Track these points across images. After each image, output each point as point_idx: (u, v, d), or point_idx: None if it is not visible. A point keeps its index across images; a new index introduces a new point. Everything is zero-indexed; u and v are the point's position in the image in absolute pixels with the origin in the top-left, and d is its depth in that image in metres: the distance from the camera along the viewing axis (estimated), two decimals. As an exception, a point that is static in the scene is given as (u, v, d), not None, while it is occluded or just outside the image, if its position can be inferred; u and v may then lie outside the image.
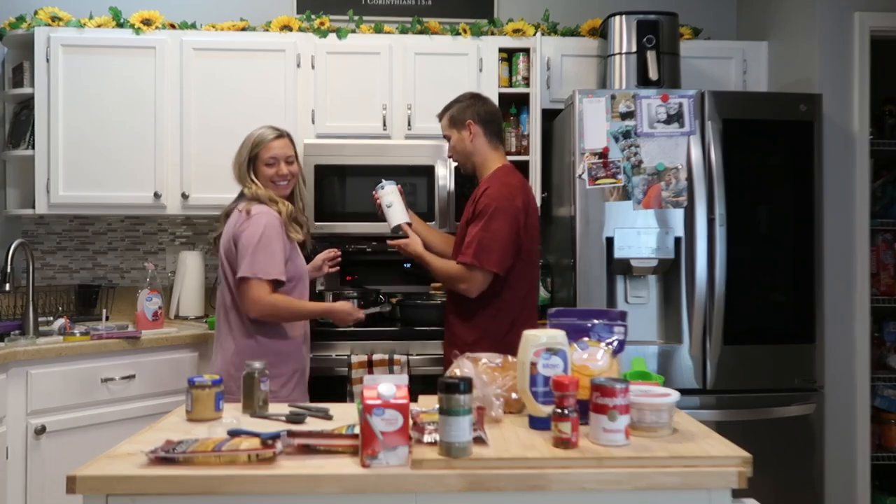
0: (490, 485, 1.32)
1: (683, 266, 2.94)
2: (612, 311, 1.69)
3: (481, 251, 2.47)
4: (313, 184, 3.32)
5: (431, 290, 3.46)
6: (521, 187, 2.63)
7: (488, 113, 2.67)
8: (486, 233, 2.48)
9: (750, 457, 1.38)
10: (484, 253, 2.47)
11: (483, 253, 2.47)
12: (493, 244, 2.47)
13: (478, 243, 2.48)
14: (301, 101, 3.43)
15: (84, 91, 3.36)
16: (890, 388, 3.37)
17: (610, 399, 1.41)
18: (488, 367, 1.68)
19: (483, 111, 2.66)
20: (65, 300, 3.55)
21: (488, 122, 2.65)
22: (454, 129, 2.67)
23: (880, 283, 3.41)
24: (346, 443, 1.42)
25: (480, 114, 2.64)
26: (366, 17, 3.66)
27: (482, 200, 2.53)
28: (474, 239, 2.49)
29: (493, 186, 2.55)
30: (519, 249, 2.54)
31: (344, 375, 3.00)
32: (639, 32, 3.21)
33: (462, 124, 2.64)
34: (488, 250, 2.47)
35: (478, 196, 2.57)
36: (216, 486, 1.31)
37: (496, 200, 2.50)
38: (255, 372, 1.79)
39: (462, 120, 2.65)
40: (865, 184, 3.19)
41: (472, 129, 2.63)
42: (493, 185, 2.56)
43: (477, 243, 2.48)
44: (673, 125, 2.92)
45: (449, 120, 2.69)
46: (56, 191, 3.34)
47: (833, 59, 3.19)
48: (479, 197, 2.56)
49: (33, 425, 2.63)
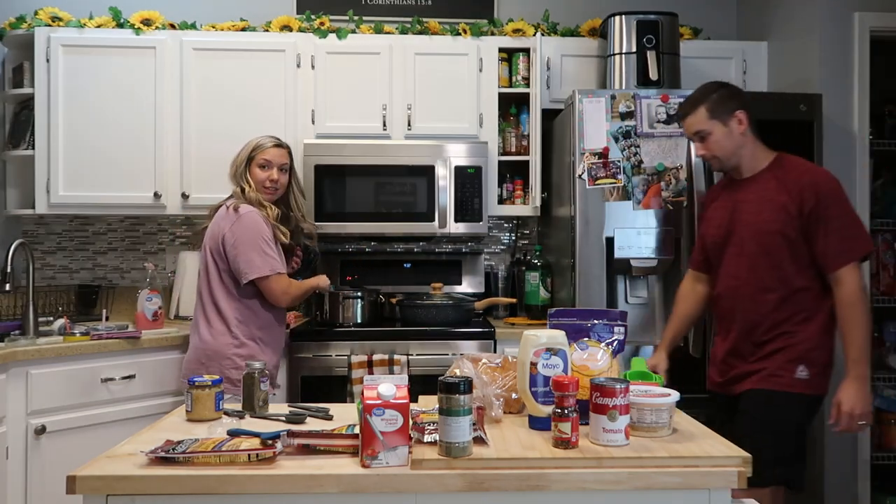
0: (490, 485, 1.32)
1: (683, 266, 2.93)
2: (612, 311, 1.69)
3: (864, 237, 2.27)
4: (313, 184, 3.33)
5: (431, 290, 3.46)
6: None
7: (749, 103, 2.38)
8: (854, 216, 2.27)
9: (750, 457, 1.38)
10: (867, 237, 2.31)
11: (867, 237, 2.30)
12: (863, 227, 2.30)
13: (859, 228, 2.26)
14: (301, 101, 3.44)
15: (84, 91, 3.36)
16: (890, 388, 3.37)
17: (610, 399, 1.41)
18: (488, 367, 1.68)
19: (747, 99, 2.38)
20: (65, 300, 3.55)
21: (750, 112, 2.36)
22: (716, 120, 2.32)
23: (880, 283, 3.41)
24: (346, 443, 1.42)
25: (747, 102, 2.36)
26: (366, 17, 3.67)
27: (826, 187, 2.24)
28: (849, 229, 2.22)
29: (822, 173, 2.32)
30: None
31: (344, 375, 3.00)
32: (639, 32, 3.21)
33: (730, 115, 2.32)
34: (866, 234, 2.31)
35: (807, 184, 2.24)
36: (216, 486, 1.31)
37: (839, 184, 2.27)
38: (255, 372, 1.79)
39: (729, 111, 2.32)
40: (865, 184, 3.19)
41: (743, 119, 2.32)
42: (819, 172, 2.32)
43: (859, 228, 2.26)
44: (673, 125, 2.92)
45: (709, 112, 2.33)
46: (56, 191, 3.34)
47: (833, 59, 3.19)
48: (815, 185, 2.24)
49: (33, 425, 2.63)
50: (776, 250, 2.26)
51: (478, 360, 1.69)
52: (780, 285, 2.26)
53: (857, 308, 2.20)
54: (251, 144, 2.71)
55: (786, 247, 2.25)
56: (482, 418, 1.50)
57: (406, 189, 3.38)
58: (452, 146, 3.37)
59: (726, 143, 2.34)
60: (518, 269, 3.66)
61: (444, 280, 3.54)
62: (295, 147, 3.39)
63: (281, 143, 2.75)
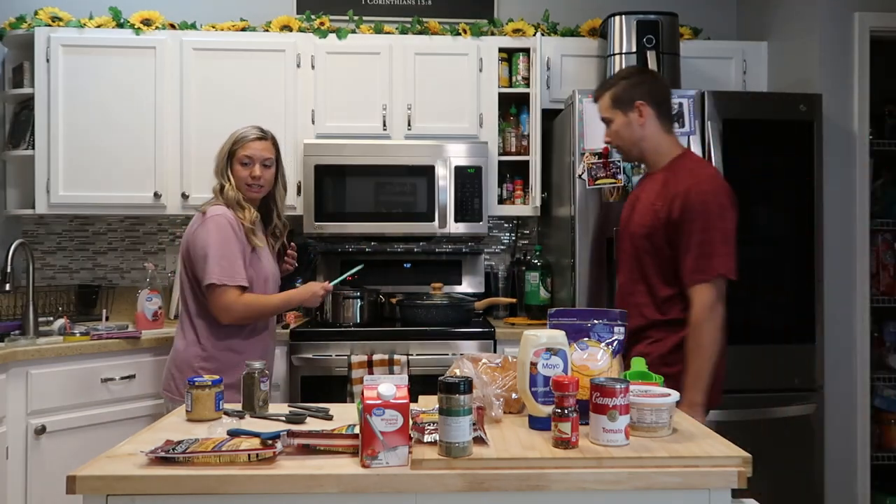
0: (490, 485, 1.32)
1: (683, 266, 2.93)
2: (612, 312, 1.69)
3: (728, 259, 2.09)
4: (313, 184, 3.33)
5: (431, 290, 3.46)
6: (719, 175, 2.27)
7: (661, 91, 2.27)
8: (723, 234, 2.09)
9: (750, 457, 1.37)
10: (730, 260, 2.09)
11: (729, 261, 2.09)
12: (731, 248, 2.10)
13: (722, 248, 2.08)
14: (301, 101, 3.44)
15: (84, 91, 3.36)
16: (890, 388, 3.37)
17: (610, 399, 1.41)
18: (488, 367, 1.68)
19: (656, 89, 2.25)
20: (65, 300, 3.55)
21: (661, 103, 2.24)
22: (619, 110, 2.23)
23: (880, 283, 3.41)
24: (346, 443, 1.42)
25: (653, 92, 2.23)
26: (366, 17, 3.67)
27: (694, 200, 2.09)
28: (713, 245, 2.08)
29: (702, 182, 2.13)
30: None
31: (344, 375, 3.00)
32: (639, 32, 3.21)
33: (630, 105, 2.22)
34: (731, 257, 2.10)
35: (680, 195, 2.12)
36: (216, 486, 1.31)
37: (711, 195, 2.10)
38: (255, 372, 1.79)
39: (630, 100, 2.22)
40: (865, 184, 3.19)
41: (643, 110, 2.21)
42: (699, 181, 2.13)
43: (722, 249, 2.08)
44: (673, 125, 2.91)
45: (612, 100, 2.25)
46: (56, 191, 3.34)
47: (833, 59, 3.19)
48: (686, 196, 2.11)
49: (33, 425, 2.63)
50: (643, 256, 2.20)
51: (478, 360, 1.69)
52: (647, 291, 2.19)
53: (700, 331, 2.07)
54: (233, 137, 2.48)
55: (651, 254, 2.17)
56: (482, 418, 1.50)
57: (406, 189, 3.38)
58: (452, 146, 3.37)
59: (625, 134, 2.25)
60: (518, 269, 3.66)
61: (444, 280, 3.54)
62: (295, 147, 3.41)
63: (265, 134, 2.50)
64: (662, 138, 2.25)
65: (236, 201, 2.42)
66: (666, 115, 2.26)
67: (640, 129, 2.23)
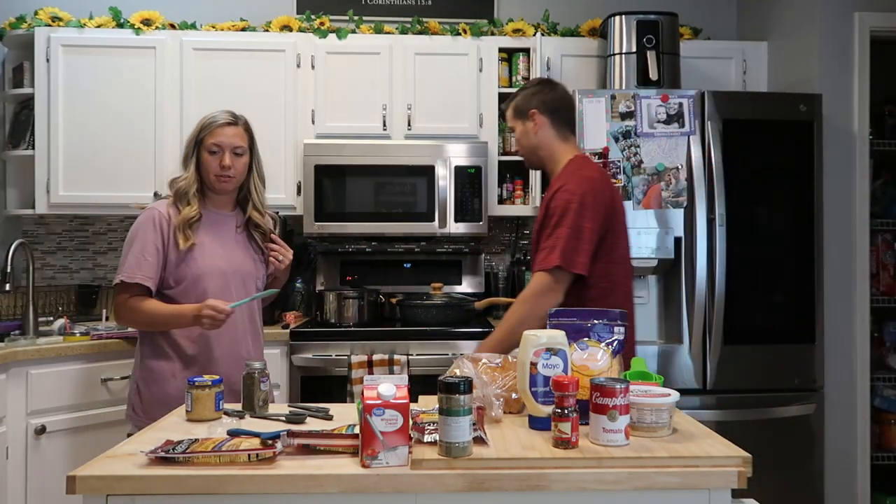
0: (490, 485, 1.32)
1: (683, 266, 2.94)
2: (612, 312, 1.69)
3: (569, 252, 2.13)
4: (313, 184, 3.33)
5: (431, 290, 3.46)
6: (603, 178, 2.31)
7: (556, 100, 2.34)
8: (574, 231, 2.15)
9: (750, 457, 1.37)
10: (573, 255, 2.13)
11: (572, 254, 2.13)
12: (580, 244, 2.14)
13: (565, 242, 2.14)
14: (301, 101, 3.44)
15: (84, 91, 3.36)
16: (890, 388, 3.37)
17: (610, 399, 1.41)
18: (488, 367, 1.68)
19: (550, 98, 2.33)
20: (65, 300, 3.55)
21: (556, 111, 2.31)
22: (518, 120, 2.34)
23: (880, 283, 3.41)
24: (346, 443, 1.42)
25: (546, 102, 2.31)
26: (366, 17, 3.67)
27: (558, 198, 2.19)
28: (558, 240, 2.14)
29: (571, 182, 2.21)
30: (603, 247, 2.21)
31: (344, 375, 3.00)
32: (639, 32, 3.21)
33: (526, 115, 2.31)
34: (577, 251, 2.13)
35: (549, 196, 2.24)
36: (216, 486, 1.31)
37: (577, 195, 2.17)
38: (255, 372, 1.78)
39: (526, 110, 2.32)
40: (865, 184, 3.19)
41: (536, 119, 2.30)
42: (569, 182, 2.22)
43: (564, 242, 2.14)
44: (673, 125, 2.92)
45: (513, 110, 2.36)
46: (56, 191, 3.34)
47: (833, 59, 3.19)
48: (552, 196, 2.22)
49: (33, 425, 2.63)
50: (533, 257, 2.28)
51: (478, 360, 1.69)
52: None
53: (518, 308, 2.16)
54: (201, 123, 2.25)
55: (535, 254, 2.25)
56: (482, 418, 1.50)
57: (406, 189, 3.38)
58: (452, 146, 3.37)
59: (523, 142, 2.35)
60: (518, 269, 3.66)
61: (444, 280, 3.54)
62: (295, 147, 3.41)
63: (236, 119, 2.26)
64: (557, 145, 2.32)
65: (184, 193, 2.19)
66: (562, 122, 2.32)
67: (534, 137, 2.32)
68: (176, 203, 2.19)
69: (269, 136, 3.25)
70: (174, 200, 2.20)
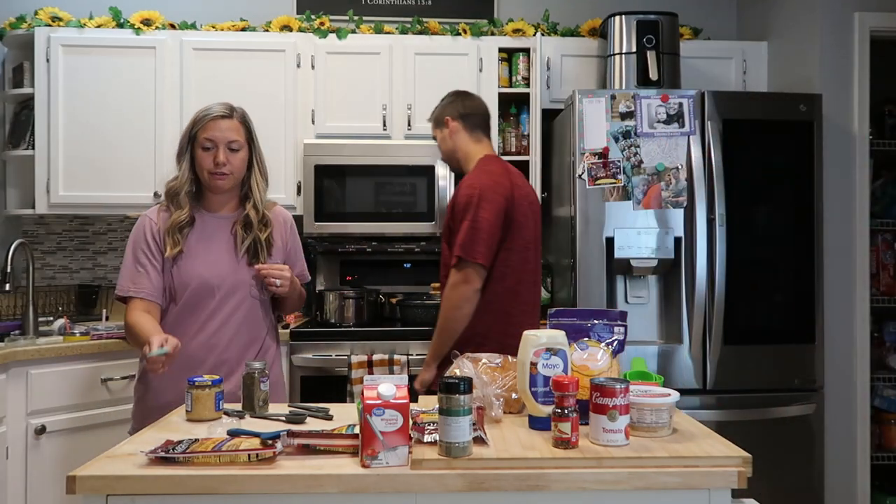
0: (490, 485, 1.32)
1: (683, 266, 2.94)
2: (612, 311, 1.69)
3: (468, 243, 2.31)
4: (313, 184, 3.33)
5: (431, 291, 3.46)
6: (504, 172, 2.47)
7: (467, 107, 2.57)
8: (473, 223, 2.32)
9: (750, 457, 1.37)
10: (471, 245, 2.32)
11: (470, 245, 2.31)
12: (477, 235, 2.31)
13: (465, 235, 2.32)
14: (301, 102, 3.44)
15: (84, 91, 3.36)
16: (890, 388, 3.37)
17: (610, 399, 1.41)
18: (488, 367, 1.67)
19: (461, 105, 2.57)
20: (65, 300, 3.55)
21: (467, 116, 2.55)
22: (437, 129, 2.61)
23: (880, 283, 3.41)
24: (346, 443, 1.42)
25: (458, 108, 2.56)
26: (366, 17, 3.67)
27: (461, 195, 2.38)
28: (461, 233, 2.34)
29: (471, 176, 2.44)
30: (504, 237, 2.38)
31: (344, 375, 3.00)
32: (639, 32, 3.21)
33: (442, 122, 2.58)
34: (475, 242, 2.32)
35: (454, 194, 2.45)
36: (216, 486, 1.31)
37: (476, 189, 2.35)
38: (255, 372, 1.78)
39: (441, 118, 2.58)
40: (865, 184, 3.19)
41: (450, 125, 2.55)
42: (469, 176, 2.45)
43: (464, 234, 2.32)
44: (673, 125, 2.92)
45: (433, 121, 2.63)
46: (56, 191, 3.34)
47: (833, 59, 3.19)
48: (456, 194, 2.42)
49: (33, 425, 2.63)
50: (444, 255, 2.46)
51: (478, 360, 1.69)
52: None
53: (443, 308, 2.38)
54: (194, 116, 2.10)
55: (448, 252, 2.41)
56: (482, 418, 1.50)
57: (406, 189, 3.38)
58: (452, 146, 3.37)
59: (443, 147, 2.61)
60: (518, 269, 3.65)
61: (444, 280, 3.54)
62: (295, 147, 3.41)
63: (231, 112, 2.10)
64: (471, 147, 2.55)
65: (174, 193, 2.08)
66: (473, 126, 2.55)
67: (450, 142, 2.56)
68: (169, 206, 2.09)
69: (269, 136, 3.24)
70: (167, 203, 2.10)
